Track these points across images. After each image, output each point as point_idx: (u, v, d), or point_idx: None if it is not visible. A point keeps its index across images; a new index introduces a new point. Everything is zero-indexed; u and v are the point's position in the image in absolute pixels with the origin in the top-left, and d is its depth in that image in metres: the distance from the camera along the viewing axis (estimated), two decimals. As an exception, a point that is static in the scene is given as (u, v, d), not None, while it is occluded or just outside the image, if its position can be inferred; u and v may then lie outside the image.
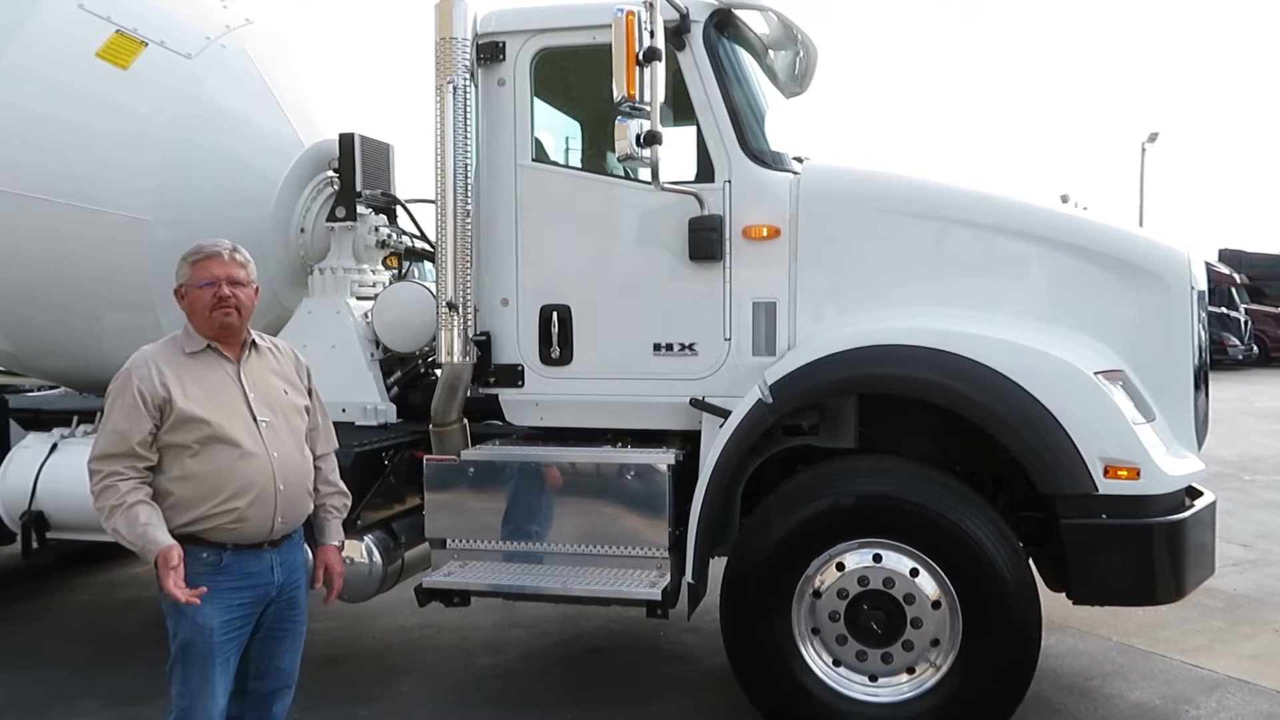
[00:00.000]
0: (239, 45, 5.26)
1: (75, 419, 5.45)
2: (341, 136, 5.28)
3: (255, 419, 3.05)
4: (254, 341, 3.18)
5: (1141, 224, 23.85)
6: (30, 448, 5.35)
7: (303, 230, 5.41)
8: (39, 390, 6.31)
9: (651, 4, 3.84)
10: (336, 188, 5.38)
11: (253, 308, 3.15)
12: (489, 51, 4.53)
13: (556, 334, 4.53)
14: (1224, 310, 23.50)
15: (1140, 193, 33.91)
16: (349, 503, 3.47)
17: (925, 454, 4.29)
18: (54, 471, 5.17)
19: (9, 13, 4.97)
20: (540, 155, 4.70)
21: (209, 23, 5.26)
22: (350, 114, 5.64)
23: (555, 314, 4.53)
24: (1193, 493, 4.18)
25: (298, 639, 3.27)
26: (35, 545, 5.20)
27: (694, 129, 4.43)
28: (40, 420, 5.62)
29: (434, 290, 4.71)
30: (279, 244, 5.29)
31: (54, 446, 5.28)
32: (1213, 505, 4.19)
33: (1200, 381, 4.28)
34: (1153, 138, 33.98)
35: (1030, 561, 4.16)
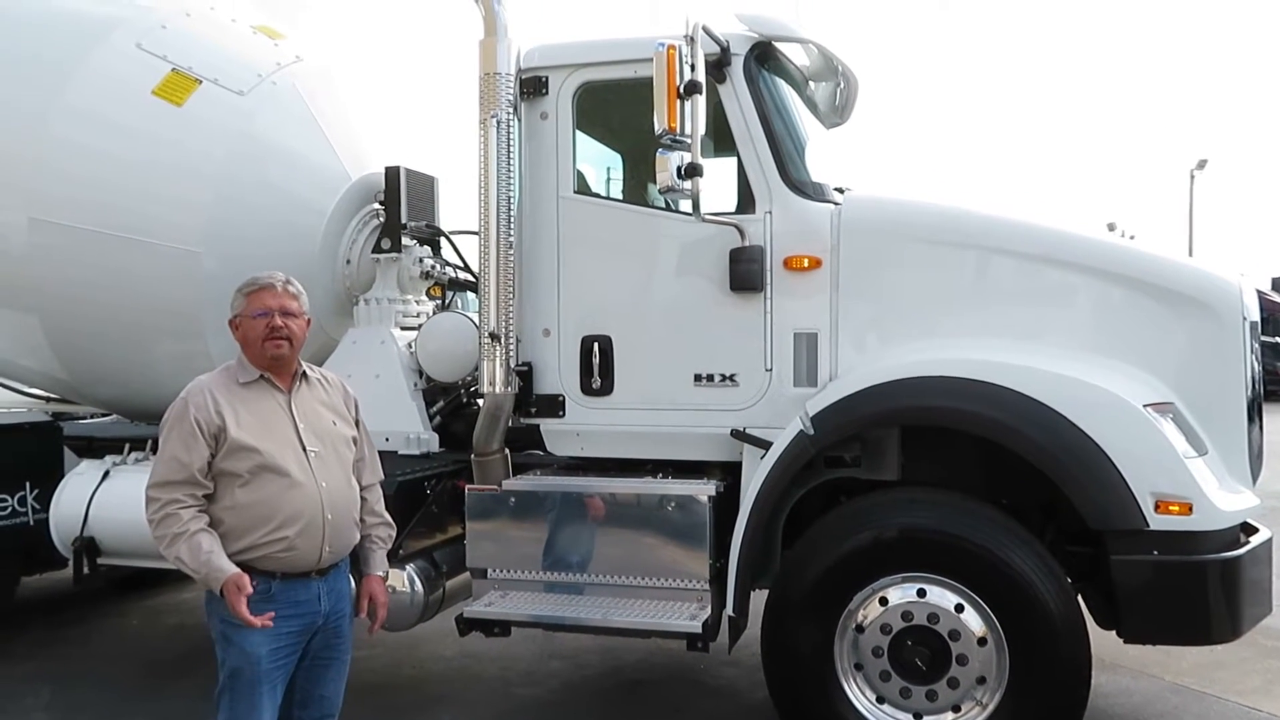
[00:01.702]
0: (289, 82, 5.39)
1: (127, 446, 5.56)
2: (387, 170, 5.37)
3: (305, 449, 3.10)
4: (304, 373, 3.24)
5: (1191, 253, 23.48)
6: (83, 474, 5.46)
7: (349, 261, 5.49)
8: (92, 418, 6.45)
9: (692, 38, 3.89)
10: (382, 220, 5.46)
11: (304, 339, 3.21)
12: (532, 86, 4.60)
13: (598, 364, 4.55)
14: (1278, 340, 22.97)
15: (1189, 221, 33.44)
16: (394, 534, 3.51)
17: (970, 487, 4.23)
18: (106, 498, 5.26)
19: (69, 51, 5.14)
20: (582, 187, 4.74)
21: (261, 60, 5.40)
22: (396, 147, 5.74)
23: (596, 344, 4.55)
24: (1248, 529, 4.08)
25: (342, 667, 3.30)
26: (86, 570, 5.30)
27: (735, 160, 4.45)
28: (93, 448, 5.75)
29: (477, 321, 4.76)
30: (326, 275, 5.38)
31: (106, 474, 5.38)
32: (1269, 542, 4.08)
33: (1254, 414, 4.19)
34: (1202, 164, 33.53)
35: (1079, 598, 4.07)
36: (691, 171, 3.87)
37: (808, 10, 4.73)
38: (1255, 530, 4.11)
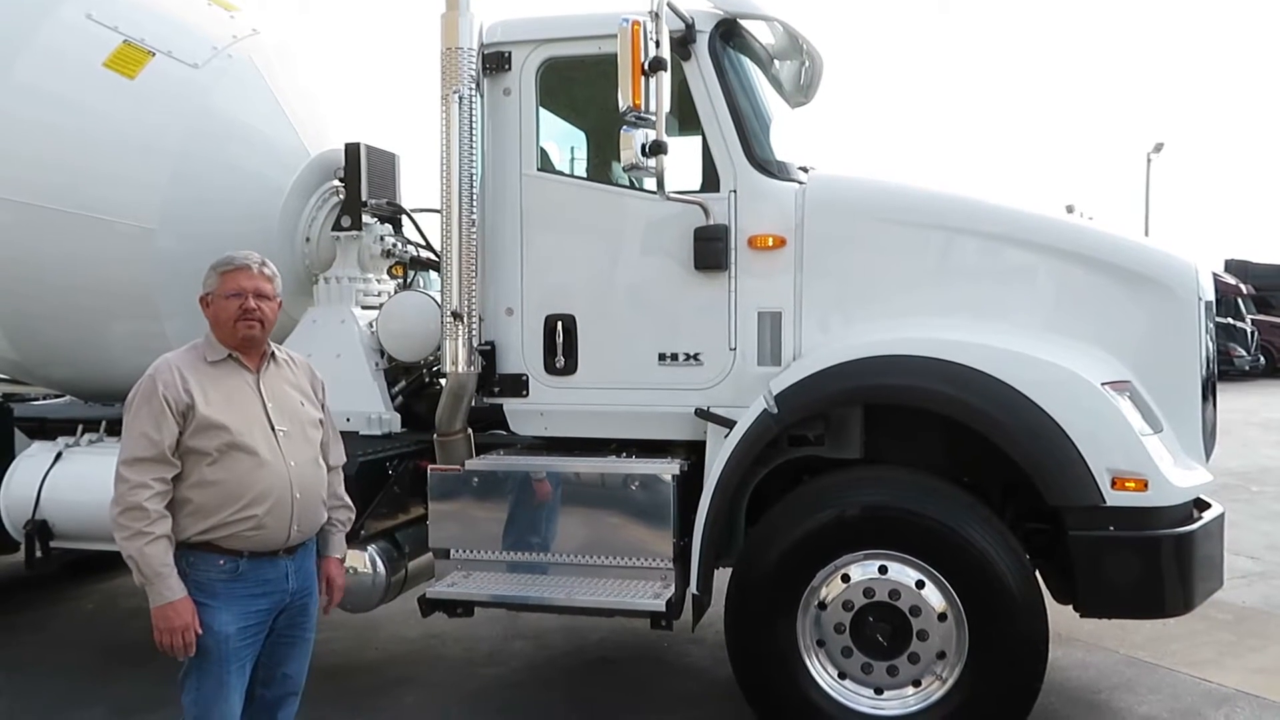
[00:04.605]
0: (246, 55, 5.28)
1: (80, 428, 5.45)
2: (347, 146, 5.29)
3: (274, 428, 3.08)
4: (272, 353, 3.22)
5: (1147, 234, 23.85)
6: (35, 456, 5.35)
7: (308, 239, 5.41)
8: (44, 399, 6.32)
9: (657, 14, 3.85)
10: (342, 197, 5.38)
11: (275, 320, 3.18)
12: (494, 61, 4.54)
13: (561, 344, 4.52)
14: (1230, 321, 23.44)
15: (1146, 203, 33.87)
16: (353, 516, 3.51)
17: (932, 465, 4.27)
18: (58, 481, 5.17)
19: (18, 23, 5.00)
20: (545, 165, 4.70)
21: (216, 33, 5.28)
22: (356, 123, 5.66)
23: (560, 324, 4.53)
24: (1200, 504, 4.16)
25: (306, 646, 3.29)
26: (39, 554, 5.20)
27: (699, 138, 4.43)
28: (45, 429, 5.62)
29: (439, 300, 4.71)
30: (284, 253, 5.28)
31: (58, 455, 5.27)
32: (1221, 517, 4.17)
33: (1208, 392, 4.26)
34: (1158, 148, 33.94)
35: (1037, 573, 4.13)
36: (656, 149, 3.83)
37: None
38: (1208, 506, 4.19)
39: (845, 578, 4.05)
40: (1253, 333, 24.78)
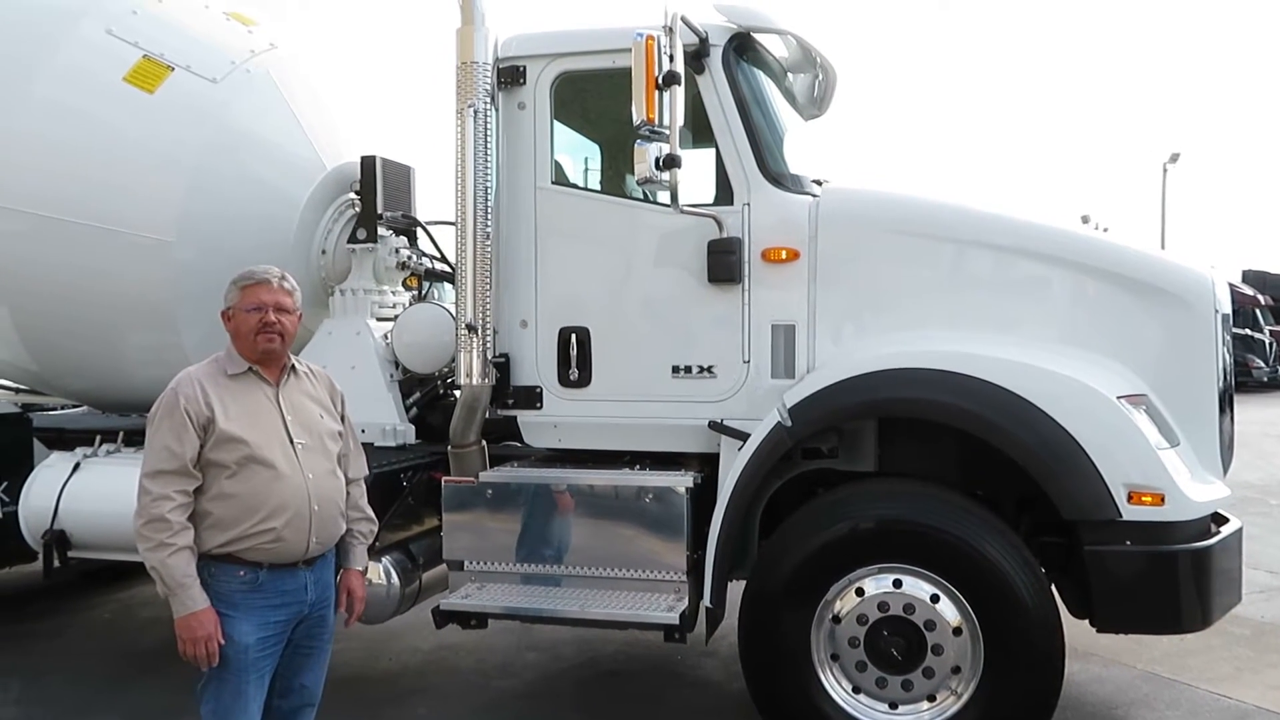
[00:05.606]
0: (263, 70, 5.33)
1: (98, 438, 5.49)
2: (363, 159, 5.33)
3: (292, 441, 3.11)
4: (293, 366, 3.25)
5: (1163, 245, 23.74)
6: (53, 467, 5.39)
7: (324, 252, 5.45)
8: (62, 409, 6.37)
9: (671, 28, 3.87)
10: (358, 210, 5.43)
11: (295, 334, 3.22)
12: (509, 75, 4.57)
13: (575, 356, 4.53)
14: (1248, 332, 23.31)
15: (1162, 214, 33.74)
16: (375, 529, 3.52)
17: (946, 478, 4.26)
18: (76, 491, 5.20)
19: (39, 38, 5.05)
20: (560, 178, 4.72)
21: (234, 48, 5.34)
22: (372, 137, 5.69)
23: (574, 336, 4.54)
24: (1218, 518, 4.13)
25: (323, 657, 3.31)
26: (57, 564, 5.23)
27: (713, 152, 4.45)
28: (63, 439, 5.66)
29: (453, 312, 4.73)
30: (300, 265, 5.32)
31: (77, 466, 5.31)
32: (1239, 531, 4.14)
33: (1225, 405, 4.23)
34: (1174, 158, 33.83)
35: (1053, 588, 4.10)
36: (670, 163, 3.85)
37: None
38: (1225, 520, 4.16)
39: (859, 591, 4.03)
40: (1271, 344, 24.63)
